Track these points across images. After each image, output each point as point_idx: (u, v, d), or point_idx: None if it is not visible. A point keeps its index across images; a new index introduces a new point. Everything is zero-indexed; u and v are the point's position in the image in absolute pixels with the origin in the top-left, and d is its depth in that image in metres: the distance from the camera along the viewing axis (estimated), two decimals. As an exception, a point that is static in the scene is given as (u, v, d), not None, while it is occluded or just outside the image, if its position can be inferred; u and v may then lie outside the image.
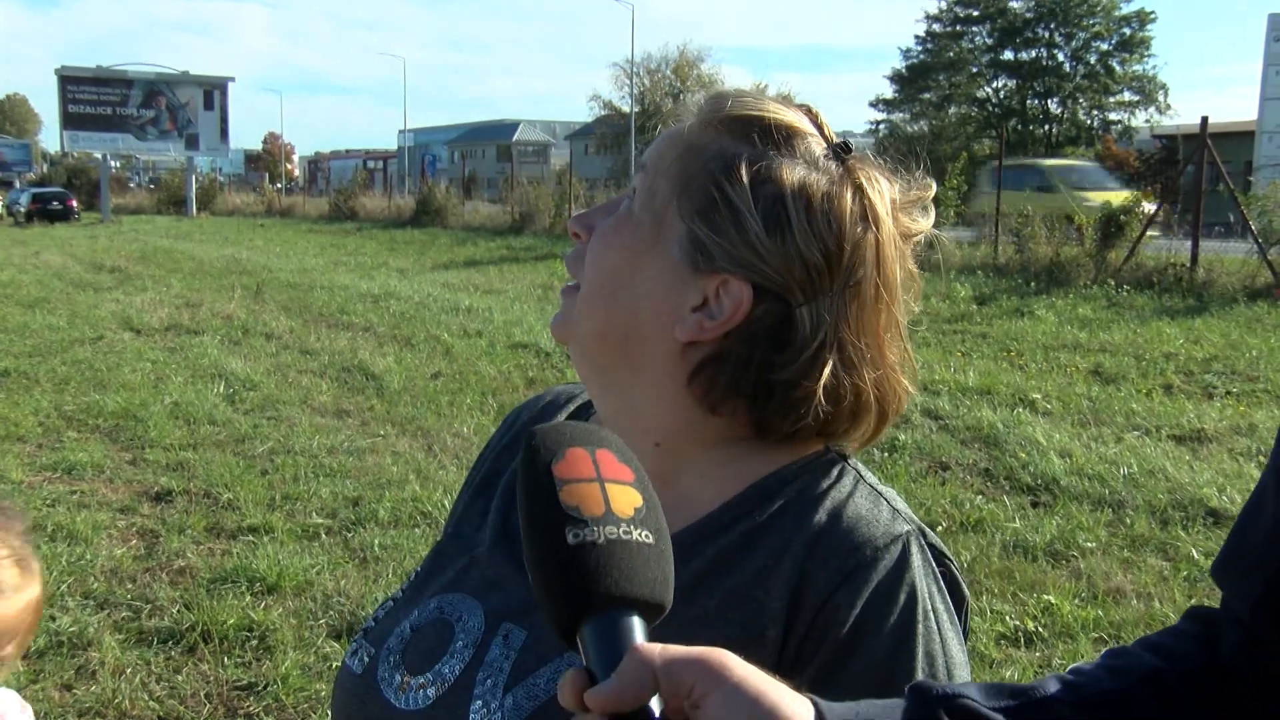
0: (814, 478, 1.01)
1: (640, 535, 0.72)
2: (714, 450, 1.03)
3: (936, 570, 0.97)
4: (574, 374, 1.13)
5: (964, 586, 1.00)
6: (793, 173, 0.97)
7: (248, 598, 4.85)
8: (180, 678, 4.16)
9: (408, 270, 20.92)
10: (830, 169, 0.99)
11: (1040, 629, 4.62)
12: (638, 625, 0.70)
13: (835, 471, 1.02)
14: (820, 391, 0.97)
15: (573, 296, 1.07)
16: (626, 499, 0.73)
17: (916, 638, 0.92)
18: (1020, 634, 4.57)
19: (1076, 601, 4.88)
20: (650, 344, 1.01)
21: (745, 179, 0.96)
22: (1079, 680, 0.78)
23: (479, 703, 0.98)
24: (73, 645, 4.40)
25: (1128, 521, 5.93)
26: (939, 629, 0.94)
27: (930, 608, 0.94)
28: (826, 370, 0.97)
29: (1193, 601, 4.90)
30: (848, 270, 0.97)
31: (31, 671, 4.19)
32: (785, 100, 1.03)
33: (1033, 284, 15.76)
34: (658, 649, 0.68)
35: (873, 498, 1.00)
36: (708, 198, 0.98)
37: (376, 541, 5.59)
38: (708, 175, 0.98)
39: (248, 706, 3.93)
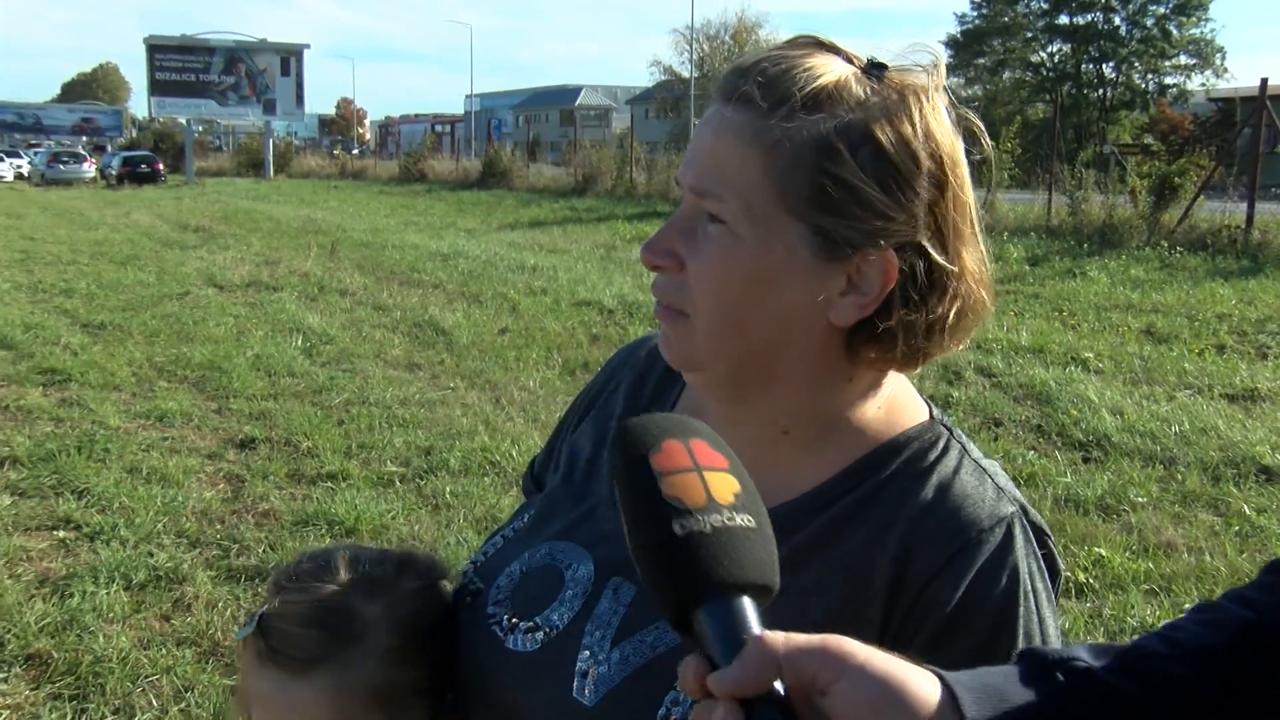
0: (921, 449, 0.99)
1: (743, 520, 0.71)
2: (833, 426, 1.00)
3: (1037, 550, 0.96)
4: (639, 332, 1.14)
5: (1059, 561, 0.99)
6: (876, 124, 0.91)
7: (327, 540, 4.93)
8: (266, 613, 4.24)
9: (475, 230, 20.99)
10: (889, 97, 0.93)
11: (1091, 580, 4.58)
12: (750, 608, 0.69)
13: (941, 444, 1.00)
14: (958, 310, 0.95)
15: (682, 324, 0.98)
16: (725, 485, 0.72)
17: (1017, 619, 0.92)
18: (1071, 585, 4.53)
19: (1127, 554, 4.83)
20: (801, 344, 0.96)
21: (845, 152, 0.90)
22: (1178, 636, 0.77)
23: (586, 653, 0.97)
24: (169, 580, 4.52)
25: (1179, 477, 5.84)
26: (1038, 609, 0.94)
27: (1030, 588, 0.93)
28: (964, 289, 0.95)
29: (1244, 556, 4.82)
30: (946, 189, 0.94)
31: (134, 602, 4.31)
32: (797, 48, 0.95)
33: (1085, 245, 15.48)
34: (781, 638, 0.67)
35: (978, 474, 0.98)
36: (817, 188, 0.91)
37: (448, 489, 5.65)
38: (807, 167, 0.91)
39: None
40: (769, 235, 0.93)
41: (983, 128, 1.00)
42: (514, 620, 1.03)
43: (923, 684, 0.68)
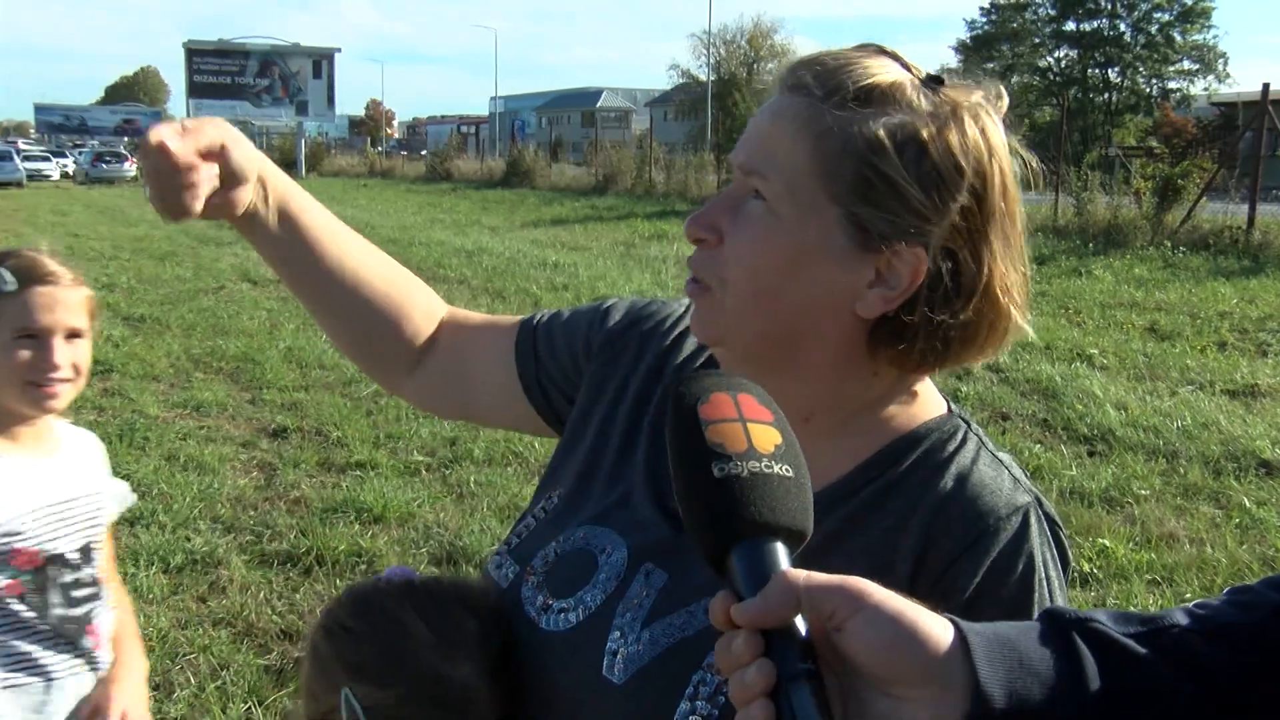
0: (940, 440, 0.99)
1: (781, 469, 0.72)
2: (854, 418, 1.00)
3: (1051, 538, 0.96)
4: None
5: (1069, 551, 0.99)
6: (926, 127, 0.92)
7: (356, 526, 4.96)
8: (298, 596, 4.27)
9: (499, 228, 21.01)
10: (941, 108, 0.93)
11: (1095, 570, 4.56)
12: (782, 551, 0.71)
13: (959, 436, 1.00)
14: (989, 319, 0.95)
15: (709, 298, 0.99)
16: (767, 437, 0.74)
17: (1033, 605, 0.92)
18: (1076, 575, 4.50)
19: (1131, 545, 4.80)
20: (823, 329, 0.96)
21: (890, 148, 0.91)
22: (1206, 613, 0.77)
23: (617, 633, 0.98)
24: (205, 563, 4.55)
25: (1181, 471, 5.81)
26: (1051, 595, 0.94)
27: (1045, 575, 0.93)
28: (993, 298, 0.95)
29: (1244, 548, 4.80)
30: (989, 200, 0.94)
31: (172, 584, 4.34)
32: (863, 52, 0.97)
33: (1091, 245, 15.38)
34: (803, 574, 0.69)
35: (995, 465, 0.98)
36: (860, 178, 0.91)
37: (472, 478, 5.66)
38: (852, 155, 0.91)
39: (359, 623, 4.03)
40: (807, 217, 0.94)
41: (1035, 166, 1.00)
42: (549, 601, 1.03)
43: (935, 627, 0.69)
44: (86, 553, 1.89)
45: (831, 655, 0.69)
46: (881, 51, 0.97)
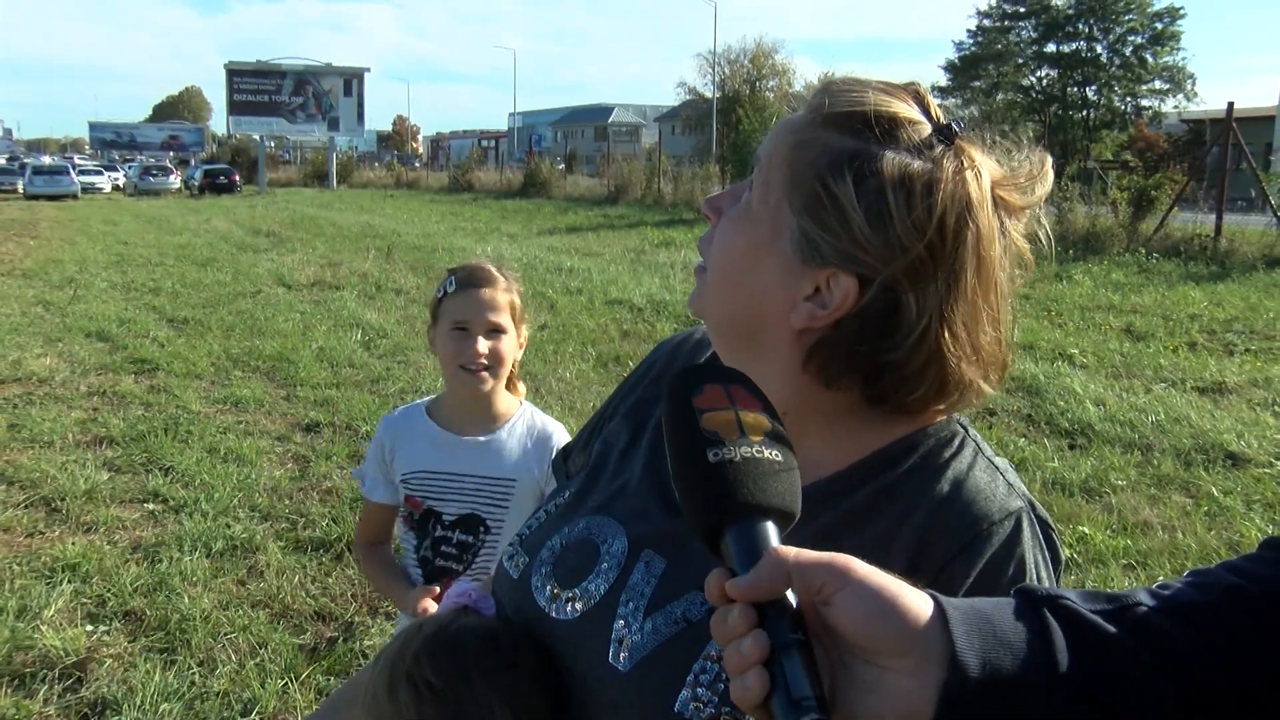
0: (937, 446, 0.96)
1: (771, 454, 0.73)
2: (836, 420, 0.97)
3: (1043, 541, 0.94)
4: (666, 329, 1.14)
5: (1061, 551, 0.97)
6: (894, 166, 0.88)
7: (386, 513, 4.95)
8: (330, 580, 4.27)
9: (517, 235, 21.02)
10: (936, 154, 0.89)
11: (1075, 556, 4.54)
12: (773, 530, 0.71)
13: (956, 441, 0.97)
14: (929, 370, 0.91)
15: (700, 275, 1.01)
16: (758, 424, 0.75)
17: None
18: (1056, 560, 4.49)
19: (1108, 532, 4.78)
20: (770, 329, 0.95)
21: (849, 176, 0.88)
22: (1168, 593, 0.77)
23: (621, 622, 0.96)
24: (244, 549, 4.56)
25: (1155, 463, 5.78)
26: None
27: (1035, 577, 0.91)
28: (933, 351, 0.90)
29: (1212, 534, 4.77)
30: (950, 256, 0.89)
31: (214, 568, 4.35)
32: (890, 86, 0.93)
33: (1070, 251, 15.33)
34: (792, 551, 0.69)
35: (990, 471, 0.95)
36: (814, 195, 0.90)
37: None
38: (814, 172, 0.90)
39: (385, 606, 4.02)
40: (770, 218, 0.94)
41: (1043, 221, 0.99)
42: (557, 591, 1.02)
43: (916, 600, 0.69)
44: (468, 522, 2.08)
45: (820, 627, 0.69)
46: (906, 90, 0.93)
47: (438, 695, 1.00)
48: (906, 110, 0.91)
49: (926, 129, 0.91)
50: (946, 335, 0.90)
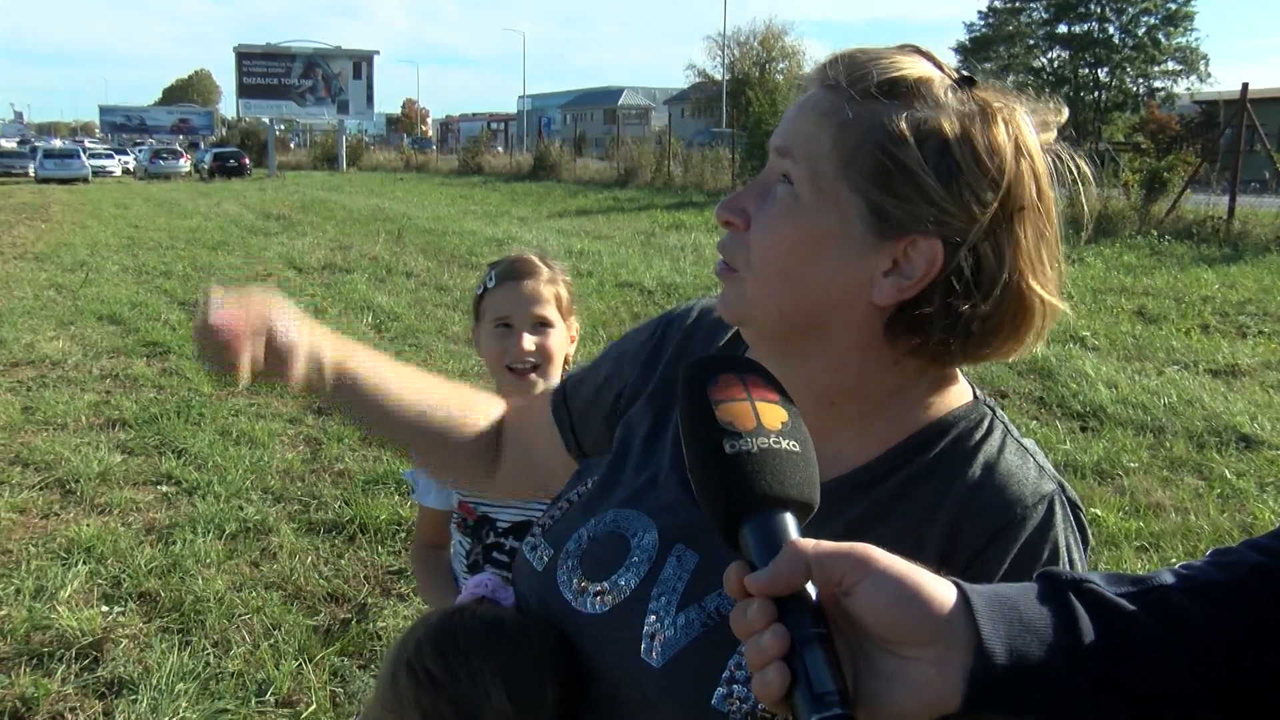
0: (967, 430, 0.95)
1: (788, 445, 0.72)
2: (880, 405, 0.95)
3: (1074, 521, 0.93)
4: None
5: (1088, 530, 0.96)
6: (950, 122, 0.87)
7: (396, 497, 4.97)
8: (343, 561, 4.29)
9: (527, 218, 20.99)
10: (971, 106, 0.89)
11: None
12: (791, 522, 0.70)
13: (986, 424, 0.96)
14: (1019, 314, 0.91)
15: (735, 280, 0.95)
16: (774, 415, 0.73)
17: None
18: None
19: (1120, 514, 4.77)
20: (841, 314, 0.92)
21: (911, 139, 0.87)
22: (1190, 573, 0.76)
23: (653, 617, 0.94)
24: (257, 531, 4.57)
25: (1167, 445, 5.76)
26: None
27: (1069, 560, 0.90)
28: (1019, 292, 0.90)
29: (1225, 516, 4.76)
30: (1015, 199, 0.89)
31: (227, 550, 4.37)
32: (902, 49, 0.93)
33: (1082, 234, 15.22)
34: (811, 543, 0.68)
35: (1020, 453, 0.94)
36: (879, 166, 0.88)
37: (505, 450, 5.65)
38: (872, 145, 0.88)
39: (398, 588, 4.04)
40: (828, 202, 0.90)
41: (1078, 170, 0.96)
42: (584, 584, 1.00)
43: (939, 588, 0.68)
44: (522, 530, 1.94)
45: (841, 618, 0.68)
46: (916, 51, 0.93)
47: (435, 682, 0.99)
48: (930, 69, 0.91)
49: (950, 83, 0.91)
50: (1030, 277, 0.91)
